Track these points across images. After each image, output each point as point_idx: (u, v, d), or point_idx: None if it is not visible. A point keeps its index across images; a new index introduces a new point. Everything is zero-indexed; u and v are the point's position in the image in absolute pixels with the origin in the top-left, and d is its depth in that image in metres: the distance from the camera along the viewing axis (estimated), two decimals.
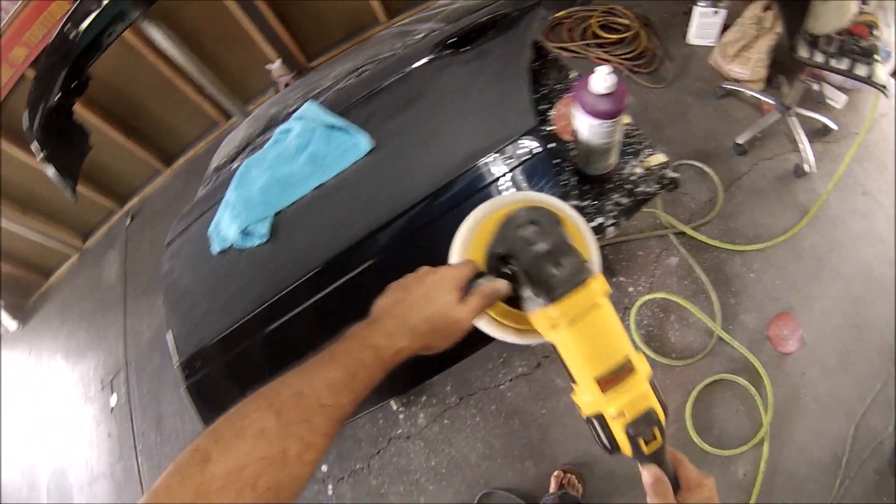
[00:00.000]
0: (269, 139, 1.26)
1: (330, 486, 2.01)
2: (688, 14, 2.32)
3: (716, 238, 1.90)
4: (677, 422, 1.66)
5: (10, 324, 3.88)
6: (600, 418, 0.50)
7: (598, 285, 0.51)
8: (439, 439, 1.90)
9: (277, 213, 0.99)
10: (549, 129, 1.11)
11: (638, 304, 1.83)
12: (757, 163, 2.05)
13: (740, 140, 2.03)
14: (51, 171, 2.05)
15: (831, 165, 1.99)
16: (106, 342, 3.27)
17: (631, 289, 1.89)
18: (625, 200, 1.10)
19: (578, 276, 0.51)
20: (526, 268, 0.53)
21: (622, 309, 1.85)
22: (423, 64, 1.08)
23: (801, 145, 1.96)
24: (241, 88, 2.58)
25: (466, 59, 1.05)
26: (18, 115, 2.86)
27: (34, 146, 1.96)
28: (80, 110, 2.67)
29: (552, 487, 1.64)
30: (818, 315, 1.79)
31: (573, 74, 1.30)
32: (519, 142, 0.93)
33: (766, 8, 2.02)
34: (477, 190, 0.90)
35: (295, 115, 1.10)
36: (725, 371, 1.71)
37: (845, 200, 1.95)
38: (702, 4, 2.18)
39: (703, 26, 2.26)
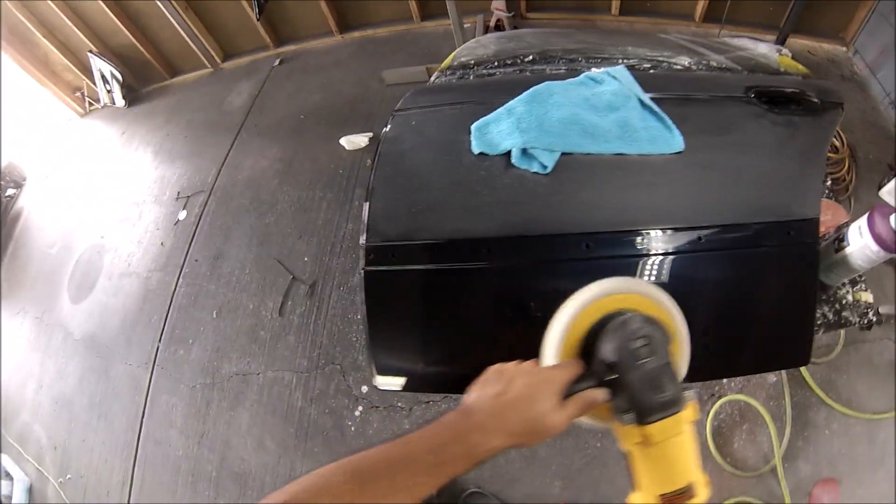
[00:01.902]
0: (543, 69, 1.27)
1: (360, 408, 2.07)
2: (892, 167, 2.30)
3: (816, 382, 1.92)
4: None
5: (120, 100, 3.98)
6: None
7: (687, 415, 0.54)
8: None
9: (566, 154, 0.96)
10: None
11: (726, 398, 1.88)
12: (883, 339, 2.05)
13: (882, 310, 2.01)
14: None
15: None
16: (200, 160, 3.33)
17: (725, 381, 1.92)
18: (830, 316, 1.17)
19: (674, 407, 0.53)
20: (628, 384, 0.54)
21: (709, 394, 1.89)
22: (739, 99, 1.10)
23: None
24: None
25: (777, 121, 1.06)
26: None
27: None
28: None
29: None
30: (859, 499, 1.81)
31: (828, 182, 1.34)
32: (803, 222, 0.96)
33: None
34: (753, 245, 0.93)
35: (609, 70, 1.10)
36: (761, 498, 1.75)
37: None
38: None
39: None
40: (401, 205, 1.03)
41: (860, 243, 1.03)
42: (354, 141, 2.89)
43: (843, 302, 1.20)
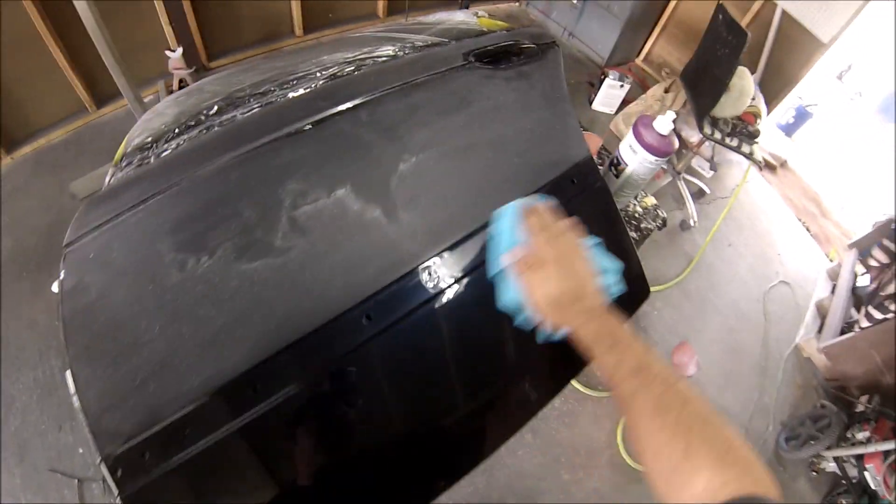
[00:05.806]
0: (233, 115, 1.01)
1: None
2: (592, 84, 2.72)
3: None
4: (611, 447, 1.80)
5: None
6: None
7: None
8: None
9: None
10: None
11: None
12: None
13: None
14: None
15: (705, 222, 2.46)
16: None
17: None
18: (635, 235, 1.21)
19: None
20: None
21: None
22: (463, 68, 1.01)
23: (687, 204, 2.37)
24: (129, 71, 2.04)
25: (508, 76, 1.01)
26: None
27: None
28: None
29: None
30: (707, 343, 2.14)
31: None
32: (580, 165, 0.93)
33: (667, 90, 2.46)
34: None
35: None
36: None
37: (717, 251, 2.42)
38: (611, 77, 2.56)
39: (608, 96, 2.66)
40: (119, 380, 0.64)
41: (637, 159, 1.05)
42: None
43: (637, 215, 1.25)
